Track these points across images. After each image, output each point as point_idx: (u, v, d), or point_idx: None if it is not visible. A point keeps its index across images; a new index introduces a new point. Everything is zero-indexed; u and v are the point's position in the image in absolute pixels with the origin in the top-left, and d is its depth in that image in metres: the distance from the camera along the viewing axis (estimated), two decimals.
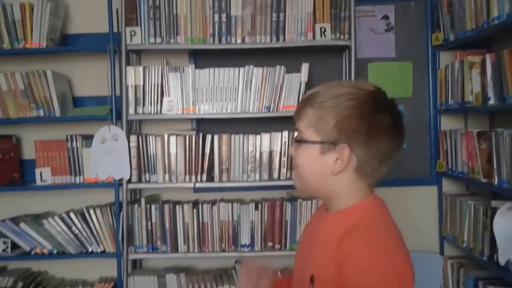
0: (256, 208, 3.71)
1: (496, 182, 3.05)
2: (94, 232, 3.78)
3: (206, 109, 3.64)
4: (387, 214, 1.67)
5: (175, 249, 3.71)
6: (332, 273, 1.55)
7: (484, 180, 3.20)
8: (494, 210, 3.02)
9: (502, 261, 2.85)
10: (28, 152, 3.97)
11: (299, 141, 1.65)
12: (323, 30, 3.58)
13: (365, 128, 1.57)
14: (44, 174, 3.77)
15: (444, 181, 4.00)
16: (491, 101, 3.08)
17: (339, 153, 1.58)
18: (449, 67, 3.70)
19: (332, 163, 1.60)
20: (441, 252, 3.95)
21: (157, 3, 3.61)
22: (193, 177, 3.67)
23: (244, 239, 3.72)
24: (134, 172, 3.67)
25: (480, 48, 3.62)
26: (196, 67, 3.66)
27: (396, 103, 1.65)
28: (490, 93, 3.08)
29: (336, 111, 1.58)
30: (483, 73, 3.19)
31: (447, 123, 3.98)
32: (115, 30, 3.69)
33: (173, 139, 3.67)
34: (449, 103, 3.71)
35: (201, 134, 3.68)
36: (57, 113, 3.72)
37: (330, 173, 1.61)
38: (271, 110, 3.62)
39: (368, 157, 1.59)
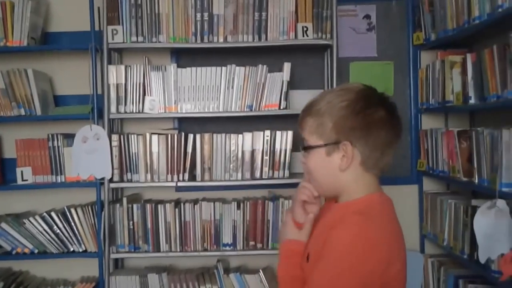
0: (238, 207, 3.69)
1: (476, 181, 3.04)
2: (76, 231, 3.73)
3: (188, 108, 3.61)
4: (389, 211, 1.77)
5: (157, 248, 3.67)
6: (322, 247, 1.66)
7: (465, 179, 3.20)
8: (474, 209, 2.99)
9: (482, 260, 2.83)
10: (9, 151, 3.90)
11: (306, 148, 1.77)
12: (305, 29, 3.56)
13: (360, 124, 1.68)
14: (25, 174, 3.72)
15: (424, 180, 4.00)
16: (472, 101, 3.07)
17: (343, 151, 1.70)
18: (430, 66, 3.69)
19: (339, 160, 1.71)
20: (422, 250, 3.94)
21: (139, 2, 3.57)
22: (175, 176, 3.64)
23: (226, 238, 3.70)
24: (116, 171, 3.63)
25: (461, 47, 3.60)
26: (178, 66, 3.64)
27: (386, 96, 1.78)
28: (471, 93, 3.08)
29: (331, 114, 1.70)
30: (463, 72, 3.18)
31: (428, 122, 3.98)
32: (97, 28, 3.66)
33: (155, 138, 3.63)
34: (430, 103, 3.70)
35: (183, 133, 3.65)
36: (38, 112, 3.68)
37: (338, 170, 1.72)
38: (253, 109, 3.60)
39: (369, 149, 1.70)
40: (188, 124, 3.93)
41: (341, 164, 1.71)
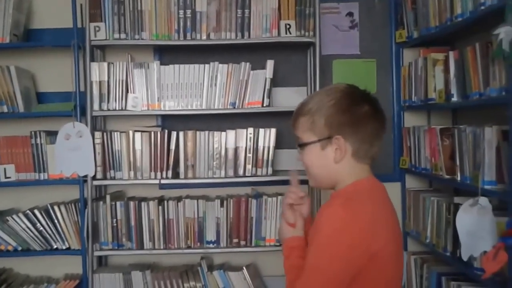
0: (222, 204, 3.64)
1: (459, 178, 3.00)
2: (59, 229, 3.66)
3: (171, 106, 3.56)
4: (377, 194, 1.87)
5: (140, 246, 3.62)
6: (314, 230, 1.78)
7: (447, 177, 3.15)
8: (457, 206, 2.95)
9: (464, 257, 2.78)
10: None
11: (303, 145, 1.87)
12: (288, 26, 3.52)
13: (348, 120, 1.79)
14: (8, 171, 3.65)
15: (407, 177, 3.94)
16: (454, 98, 3.04)
17: (336, 144, 1.80)
18: (413, 64, 3.64)
19: (333, 153, 1.81)
20: (405, 247, 3.86)
21: None
22: (159, 173, 3.58)
23: (210, 235, 3.64)
24: (99, 169, 3.57)
25: (443, 45, 3.56)
26: (161, 63, 3.58)
27: (368, 92, 1.90)
28: (453, 90, 3.04)
29: (321, 112, 1.81)
30: (446, 70, 3.14)
31: (410, 120, 3.92)
32: (79, 25, 3.59)
33: (138, 135, 3.57)
34: (413, 100, 3.66)
35: (166, 131, 3.60)
36: (21, 109, 3.60)
37: (333, 162, 1.82)
38: (236, 107, 3.55)
39: (359, 142, 1.81)
40: (171, 122, 3.87)
41: (335, 157, 1.81)
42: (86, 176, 3.55)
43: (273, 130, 3.56)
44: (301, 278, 1.73)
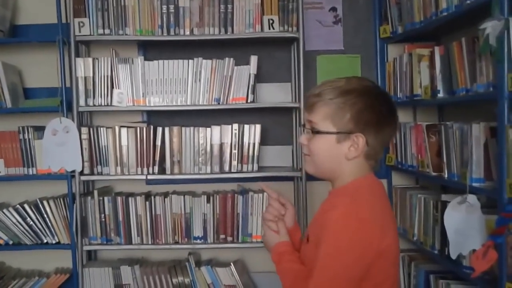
0: (208, 200, 3.40)
1: (446, 175, 2.74)
2: (49, 223, 3.46)
3: (156, 101, 3.31)
4: (377, 191, 1.72)
5: (128, 241, 3.39)
6: (320, 229, 1.63)
7: (434, 174, 2.89)
8: (444, 204, 2.69)
9: (453, 255, 2.55)
10: None
11: (318, 132, 1.69)
12: (271, 22, 3.24)
13: (374, 120, 1.65)
14: None
15: (393, 174, 3.64)
16: (440, 94, 2.78)
17: (353, 141, 1.65)
18: (398, 59, 3.35)
19: (347, 150, 1.66)
20: None
21: None
22: (145, 169, 3.34)
23: (197, 231, 3.40)
24: (86, 164, 3.33)
25: (428, 40, 3.28)
26: (145, 59, 3.33)
27: (389, 94, 1.82)
28: (439, 86, 2.78)
29: (348, 106, 1.64)
30: (431, 66, 2.88)
31: None
32: (64, 21, 3.33)
33: (124, 131, 3.33)
34: (398, 96, 3.37)
35: (152, 127, 3.35)
36: (8, 104, 3.37)
37: (344, 158, 1.67)
38: (220, 102, 3.28)
39: (375, 143, 1.67)
40: (156, 117, 3.61)
41: (348, 153, 1.66)
42: (73, 171, 3.31)
43: (258, 126, 3.30)
44: (313, 278, 1.59)
